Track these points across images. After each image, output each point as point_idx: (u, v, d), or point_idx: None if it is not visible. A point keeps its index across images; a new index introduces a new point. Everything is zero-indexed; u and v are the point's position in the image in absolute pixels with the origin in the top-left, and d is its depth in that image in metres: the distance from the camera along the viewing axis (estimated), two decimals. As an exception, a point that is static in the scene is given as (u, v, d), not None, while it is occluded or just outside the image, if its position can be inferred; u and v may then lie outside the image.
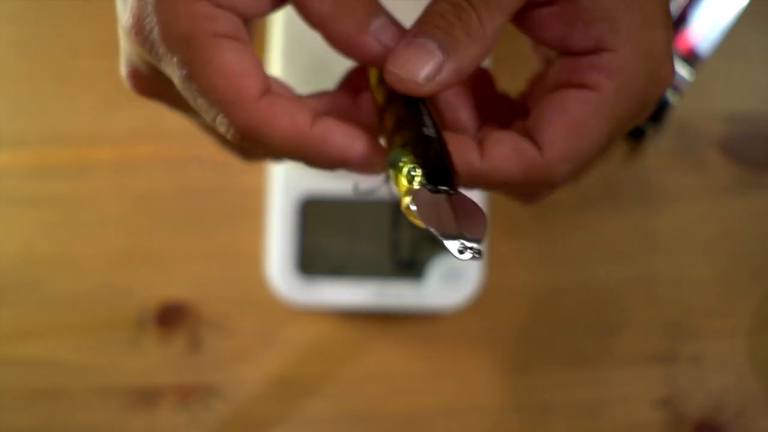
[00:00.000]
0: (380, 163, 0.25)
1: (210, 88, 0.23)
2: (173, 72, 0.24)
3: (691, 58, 0.48)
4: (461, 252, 0.22)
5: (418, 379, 0.51)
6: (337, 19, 0.25)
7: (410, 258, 0.49)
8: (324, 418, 0.51)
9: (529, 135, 0.25)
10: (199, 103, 0.24)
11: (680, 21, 0.48)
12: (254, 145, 0.24)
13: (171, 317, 0.52)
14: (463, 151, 0.25)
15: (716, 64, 0.51)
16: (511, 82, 0.33)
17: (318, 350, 0.52)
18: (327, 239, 0.49)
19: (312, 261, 0.49)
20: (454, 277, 0.49)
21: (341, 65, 0.50)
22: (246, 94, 0.23)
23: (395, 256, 0.49)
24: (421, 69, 0.24)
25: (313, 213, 0.49)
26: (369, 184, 0.27)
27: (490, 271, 0.50)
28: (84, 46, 0.54)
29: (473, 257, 0.22)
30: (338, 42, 0.25)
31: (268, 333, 0.52)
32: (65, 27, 0.54)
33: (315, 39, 0.26)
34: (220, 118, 0.24)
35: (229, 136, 0.24)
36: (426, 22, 0.25)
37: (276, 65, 0.49)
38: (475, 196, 0.49)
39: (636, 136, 0.51)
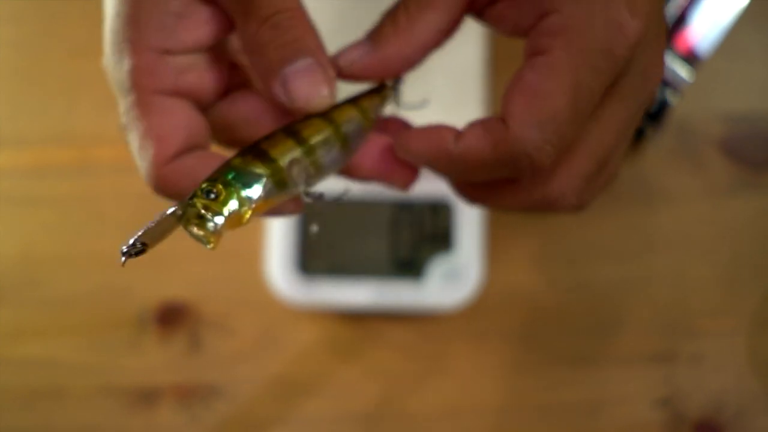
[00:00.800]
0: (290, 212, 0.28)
1: (135, 139, 0.26)
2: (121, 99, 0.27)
3: (691, 58, 0.48)
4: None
5: (418, 379, 0.51)
6: (253, 57, 0.26)
7: (410, 258, 0.49)
8: (324, 418, 0.51)
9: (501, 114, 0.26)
10: (131, 144, 0.27)
11: (680, 21, 0.48)
12: (166, 198, 0.27)
13: (171, 317, 0.52)
14: (440, 138, 0.26)
15: (716, 64, 0.51)
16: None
17: (318, 350, 0.52)
18: (327, 239, 0.49)
19: (312, 261, 0.49)
20: (454, 277, 0.49)
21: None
22: (160, 155, 0.26)
23: (395, 256, 0.49)
24: (346, 55, 0.28)
25: (313, 213, 0.49)
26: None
27: (490, 272, 0.50)
28: (84, 46, 0.54)
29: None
30: (257, 76, 0.27)
31: (268, 333, 0.52)
32: (65, 27, 0.54)
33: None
34: (140, 167, 0.27)
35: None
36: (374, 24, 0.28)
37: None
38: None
39: (636, 136, 0.51)
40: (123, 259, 0.25)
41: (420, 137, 0.28)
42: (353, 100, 0.29)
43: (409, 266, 0.49)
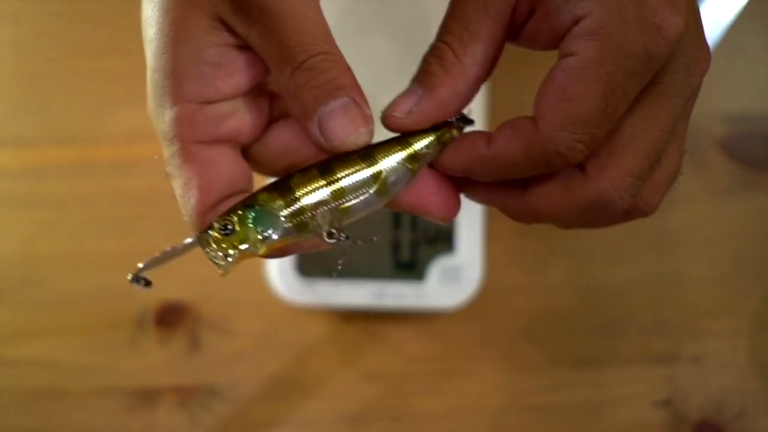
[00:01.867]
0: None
1: (176, 187, 0.27)
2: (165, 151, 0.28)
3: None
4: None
5: (418, 379, 0.51)
6: (289, 100, 0.27)
7: (410, 259, 0.49)
8: (324, 418, 0.51)
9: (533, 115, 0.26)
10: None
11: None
12: None
13: (171, 318, 0.52)
14: (473, 143, 0.27)
15: (716, 64, 0.51)
16: (514, 87, 0.33)
17: (317, 351, 0.52)
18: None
19: (312, 262, 0.49)
20: (454, 278, 0.49)
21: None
22: (196, 208, 0.27)
23: (395, 257, 0.49)
24: (401, 106, 0.27)
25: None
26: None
27: (490, 272, 0.50)
28: (84, 46, 0.54)
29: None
30: (294, 118, 0.28)
31: (267, 334, 0.52)
32: (65, 27, 0.54)
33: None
34: (184, 210, 0.28)
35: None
36: (417, 69, 0.28)
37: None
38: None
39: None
40: (130, 280, 0.27)
41: (452, 148, 0.28)
42: (402, 139, 0.28)
43: (410, 267, 0.49)
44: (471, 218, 0.49)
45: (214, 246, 0.26)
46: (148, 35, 0.27)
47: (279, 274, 0.49)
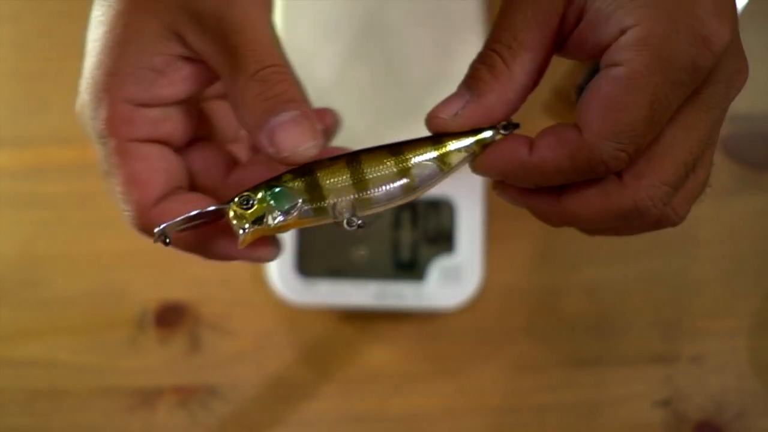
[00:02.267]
0: (265, 257, 0.29)
1: (118, 186, 0.27)
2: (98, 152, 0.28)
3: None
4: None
5: (419, 380, 0.51)
6: (240, 110, 0.27)
7: (410, 259, 0.49)
8: (324, 419, 0.51)
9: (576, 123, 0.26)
10: (115, 193, 0.28)
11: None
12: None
13: (170, 318, 0.52)
14: (514, 147, 0.27)
15: (716, 65, 0.51)
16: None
17: (317, 351, 0.52)
18: (327, 240, 0.49)
19: (312, 262, 0.49)
20: (454, 278, 0.49)
21: (340, 61, 0.50)
22: (141, 203, 0.27)
23: (396, 257, 0.49)
24: (447, 108, 0.28)
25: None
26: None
27: (490, 272, 0.50)
28: (83, 46, 0.53)
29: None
30: (244, 127, 0.28)
31: (267, 334, 0.52)
32: (65, 27, 0.54)
33: (314, 33, 0.26)
34: (125, 210, 0.28)
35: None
36: (466, 75, 0.28)
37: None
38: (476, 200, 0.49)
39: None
40: (156, 237, 0.27)
41: (493, 151, 0.28)
42: (436, 138, 0.28)
43: (410, 267, 0.49)
44: (471, 218, 0.49)
45: (233, 218, 0.27)
46: (96, 34, 0.27)
47: (279, 274, 0.49)
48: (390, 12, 0.50)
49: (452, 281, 0.49)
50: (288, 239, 0.49)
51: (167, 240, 0.27)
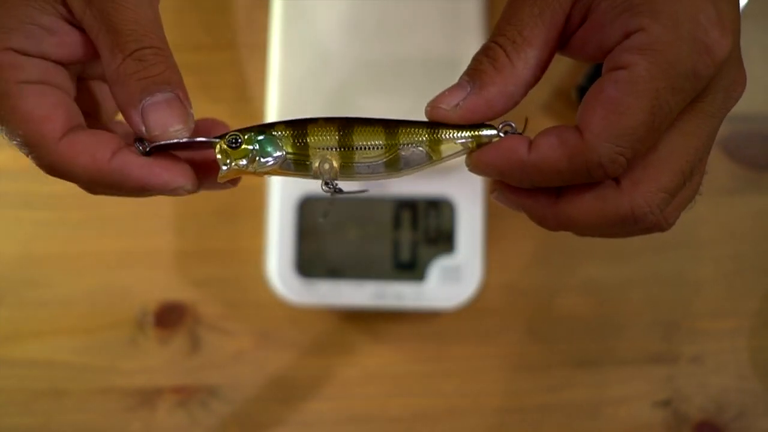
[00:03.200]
0: (181, 185, 0.28)
1: (16, 132, 0.26)
2: None
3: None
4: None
5: (419, 380, 0.51)
6: (115, 86, 0.27)
7: (410, 259, 0.49)
8: (324, 419, 0.51)
9: (577, 124, 0.26)
10: (11, 143, 0.27)
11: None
12: (65, 179, 0.27)
13: (170, 318, 0.52)
14: (513, 147, 0.27)
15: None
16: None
17: (317, 351, 0.52)
18: (327, 240, 0.49)
19: (312, 262, 0.49)
20: (454, 278, 0.49)
21: (340, 63, 0.50)
22: (48, 136, 0.26)
23: (395, 257, 0.49)
24: (448, 98, 0.28)
25: (312, 213, 0.49)
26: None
27: (490, 272, 0.50)
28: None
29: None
30: (117, 106, 0.28)
31: (267, 334, 0.52)
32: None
33: (314, 38, 0.26)
34: (31, 158, 0.27)
35: (40, 168, 0.27)
36: (468, 66, 0.28)
37: (275, 60, 0.49)
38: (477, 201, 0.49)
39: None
40: (138, 147, 0.27)
41: (491, 149, 0.28)
42: (433, 125, 0.28)
43: (410, 267, 0.49)
44: (471, 218, 0.49)
45: (218, 153, 0.28)
46: None
47: (279, 274, 0.49)
48: (390, 12, 0.50)
49: (452, 281, 0.49)
50: (288, 239, 0.49)
51: (148, 150, 0.27)
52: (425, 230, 0.49)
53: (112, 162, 0.27)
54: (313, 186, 0.49)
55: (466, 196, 0.49)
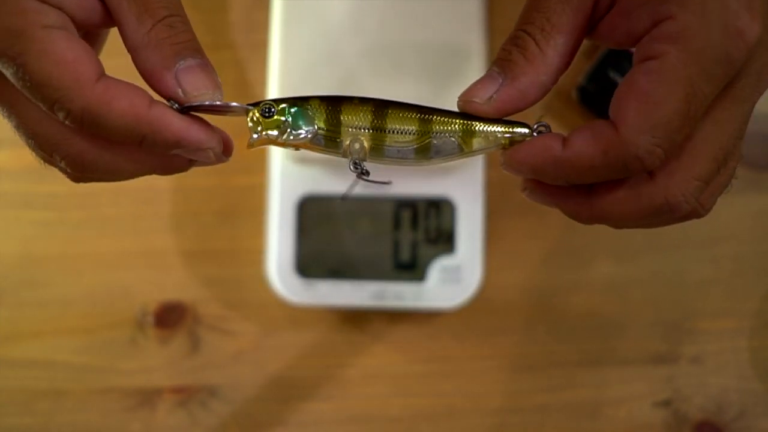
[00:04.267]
0: (213, 147, 0.27)
1: (46, 76, 0.25)
2: (5, 66, 0.25)
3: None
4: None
5: (419, 380, 0.51)
6: (147, 50, 0.27)
7: (411, 259, 0.49)
8: (324, 419, 0.51)
9: (611, 119, 0.26)
10: (36, 93, 0.25)
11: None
12: (93, 128, 0.26)
13: (170, 318, 0.52)
14: (547, 143, 0.26)
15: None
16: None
17: (317, 351, 0.52)
18: (327, 240, 0.49)
19: (312, 262, 0.49)
20: (454, 278, 0.49)
21: (340, 63, 0.50)
22: (83, 78, 0.25)
23: (396, 257, 0.49)
24: (481, 91, 0.27)
25: (312, 213, 0.49)
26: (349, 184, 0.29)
27: (490, 272, 0.50)
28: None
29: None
30: (142, 72, 0.27)
31: (267, 334, 0.52)
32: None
33: (314, 38, 0.26)
34: (58, 106, 0.25)
35: (68, 122, 0.26)
36: (497, 56, 0.28)
37: (275, 59, 0.49)
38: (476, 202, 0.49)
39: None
40: (176, 106, 0.27)
41: (525, 147, 0.27)
42: (467, 118, 0.28)
43: (410, 268, 0.49)
44: (471, 218, 0.49)
45: (250, 121, 0.28)
46: None
47: (279, 274, 0.49)
48: (390, 12, 0.50)
49: (452, 281, 0.49)
50: (288, 240, 0.49)
51: (180, 110, 0.27)
52: (425, 230, 0.49)
53: (151, 110, 0.26)
54: (313, 186, 0.49)
55: (466, 196, 0.49)
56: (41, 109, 0.26)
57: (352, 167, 0.28)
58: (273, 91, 0.49)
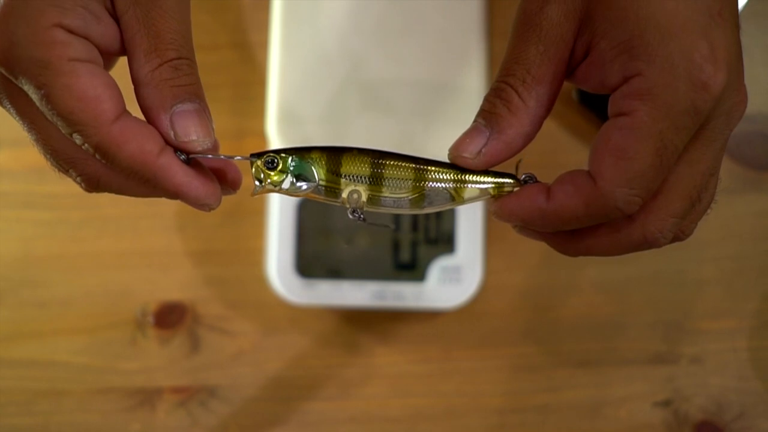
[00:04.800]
0: (210, 204, 0.29)
1: (68, 110, 0.26)
2: (31, 91, 0.26)
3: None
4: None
5: (419, 380, 0.51)
6: (148, 88, 0.27)
7: (411, 259, 0.49)
8: (324, 419, 0.51)
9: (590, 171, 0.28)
10: (56, 120, 0.26)
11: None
12: (105, 162, 0.27)
13: (170, 318, 0.52)
14: (532, 196, 0.28)
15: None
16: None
17: (318, 351, 0.52)
18: (327, 240, 0.49)
19: (312, 262, 0.49)
20: (454, 278, 0.49)
21: (340, 63, 0.50)
22: (101, 117, 0.26)
23: (396, 257, 0.49)
24: (470, 146, 0.29)
25: (313, 213, 0.49)
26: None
27: (490, 272, 0.50)
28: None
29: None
30: (141, 107, 0.28)
31: (267, 334, 0.52)
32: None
33: (314, 38, 0.26)
34: (76, 135, 0.26)
35: (84, 148, 0.27)
36: (480, 108, 0.29)
37: (275, 59, 0.49)
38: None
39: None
40: (183, 157, 0.28)
41: (513, 200, 0.29)
42: (458, 171, 0.29)
43: (410, 268, 0.49)
44: (471, 218, 0.49)
45: (254, 172, 0.29)
46: None
47: (279, 274, 0.49)
48: (390, 12, 0.50)
49: (452, 281, 0.49)
50: (288, 240, 0.49)
51: (188, 160, 0.28)
52: (425, 230, 0.49)
53: (159, 159, 0.27)
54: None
55: (466, 196, 0.49)
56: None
57: (350, 215, 0.29)
58: (273, 92, 0.49)
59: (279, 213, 0.49)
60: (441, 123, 0.48)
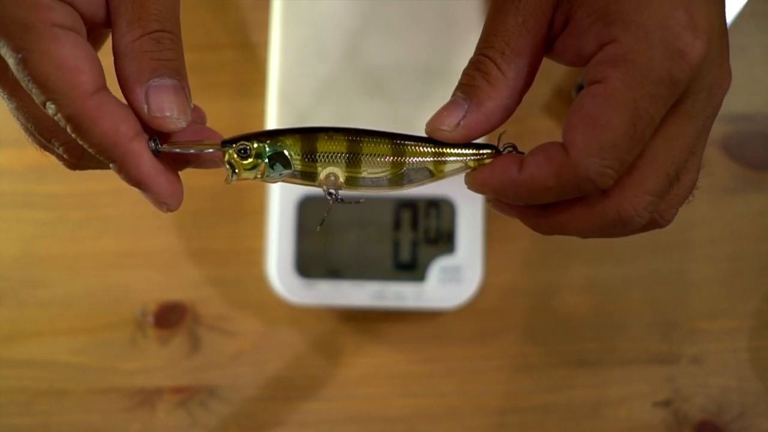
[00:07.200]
0: (169, 205, 0.27)
1: (44, 76, 0.25)
2: (8, 55, 0.25)
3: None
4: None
5: (419, 380, 0.51)
6: (127, 59, 0.26)
7: (411, 259, 0.49)
8: (324, 419, 0.51)
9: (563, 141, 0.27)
10: (31, 87, 0.25)
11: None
12: (75, 135, 0.26)
13: (170, 318, 0.52)
14: (505, 167, 0.27)
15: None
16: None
17: (318, 351, 0.52)
18: (327, 240, 0.49)
19: (312, 262, 0.49)
20: (454, 278, 0.49)
21: (340, 63, 0.50)
22: (79, 88, 0.25)
23: (396, 257, 0.49)
24: (448, 119, 0.28)
25: (313, 213, 0.49)
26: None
27: (490, 272, 0.50)
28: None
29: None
30: (119, 78, 0.27)
31: (267, 334, 0.52)
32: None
33: (314, 38, 0.26)
34: (49, 104, 0.25)
35: (56, 119, 0.26)
36: (459, 82, 0.28)
37: (275, 59, 0.49)
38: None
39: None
40: (152, 146, 0.27)
41: (485, 170, 0.28)
42: (437, 145, 0.29)
43: (410, 268, 0.49)
44: (471, 218, 0.49)
45: (227, 161, 0.28)
46: None
47: (279, 274, 0.49)
48: (390, 12, 0.50)
49: (452, 281, 0.49)
50: (288, 240, 0.49)
51: (158, 150, 0.27)
52: (425, 230, 0.49)
53: (131, 143, 0.26)
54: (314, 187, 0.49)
55: (466, 196, 0.49)
56: None
57: (327, 197, 0.28)
58: (273, 92, 0.49)
59: (279, 212, 0.49)
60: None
